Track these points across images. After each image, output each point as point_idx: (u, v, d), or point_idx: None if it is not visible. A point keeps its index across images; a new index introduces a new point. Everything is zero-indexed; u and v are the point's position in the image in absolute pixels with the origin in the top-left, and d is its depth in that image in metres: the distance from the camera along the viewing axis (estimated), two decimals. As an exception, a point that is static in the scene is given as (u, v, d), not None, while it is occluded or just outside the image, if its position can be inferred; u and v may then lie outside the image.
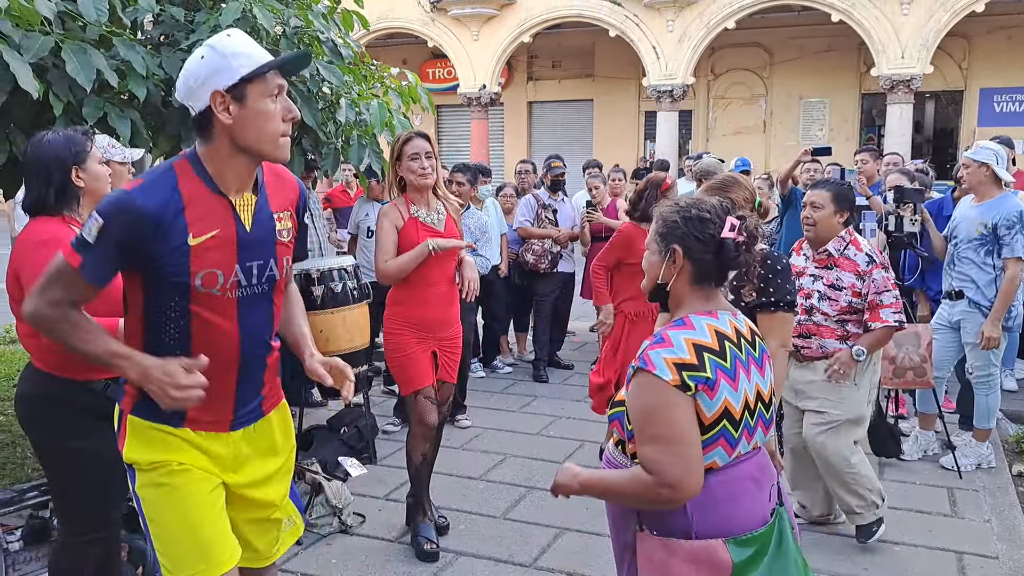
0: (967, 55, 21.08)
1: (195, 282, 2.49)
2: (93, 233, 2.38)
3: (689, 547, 2.39)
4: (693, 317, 2.52)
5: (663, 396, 2.37)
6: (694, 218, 2.55)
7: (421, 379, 4.76)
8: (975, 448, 6.09)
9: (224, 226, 2.53)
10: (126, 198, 2.41)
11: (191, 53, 4.46)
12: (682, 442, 2.35)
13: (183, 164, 2.52)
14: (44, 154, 3.36)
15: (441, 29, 22.74)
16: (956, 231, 6.05)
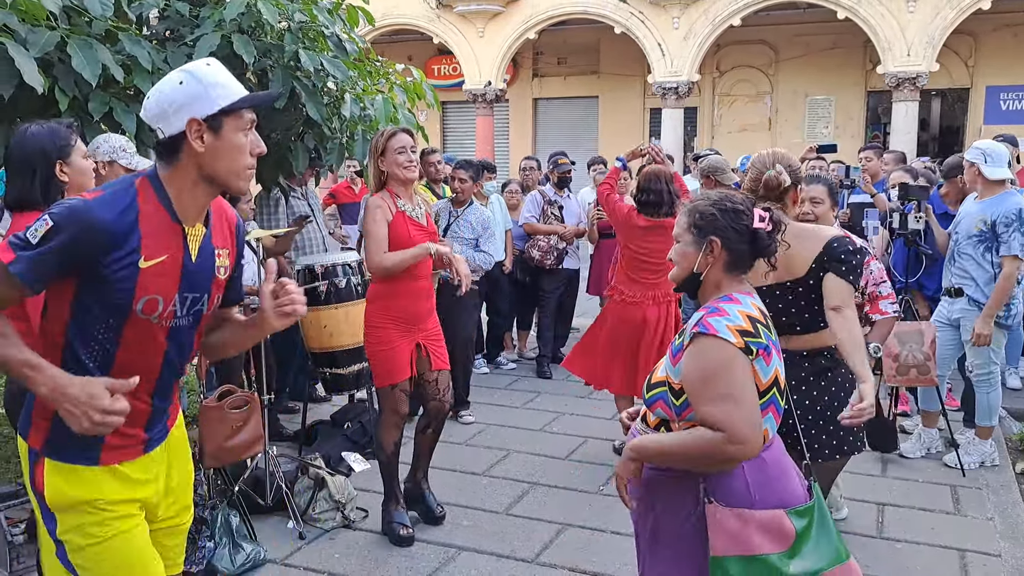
0: (973, 53, 21.01)
1: (136, 306, 2.40)
2: (38, 234, 2.26)
3: (761, 516, 2.54)
4: (738, 294, 2.70)
5: (729, 357, 2.52)
6: (729, 210, 2.72)
7: (401, 373, 4.84)
8: (978, 446, 6.09)
9: (173, 253, 2.46)
10: (84, 207, 2.31)
11: (196, 48, 4.53)
12: (748, 401, 2.51)
13: (144, 183, 2.44)
14: (28, 147, 3.30)
15: (446, 25, 22.73)
16: (958, 227, 6.06)
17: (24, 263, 2.27)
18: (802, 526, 2.57)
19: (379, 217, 4.70)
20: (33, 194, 3.30)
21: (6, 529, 4.10)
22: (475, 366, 8.34)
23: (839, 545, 2.65)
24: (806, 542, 2.56)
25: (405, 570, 4.60)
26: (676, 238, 2.82)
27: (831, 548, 2.61)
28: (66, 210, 2.30)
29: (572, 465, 6.15)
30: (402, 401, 4.90)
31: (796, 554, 2.53)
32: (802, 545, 2.54)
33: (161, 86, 2.41)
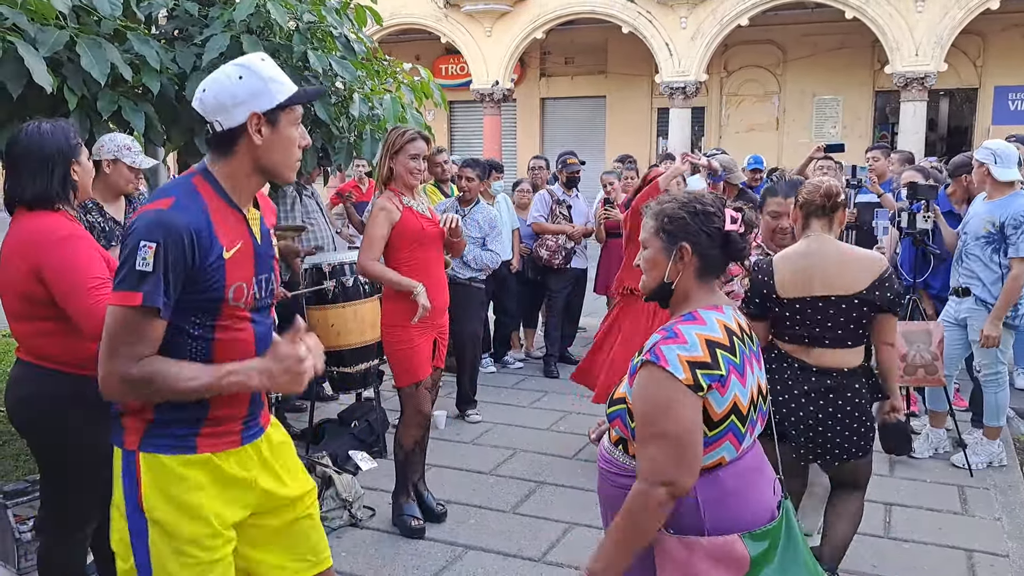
0: (982, 53, 20.99)
1: (228, 295, 2.47)
2: (148, 260, 2.30)
3: (709, 544, 2.38)
4: (702, 312, 2.50)
5: (673, 394, 2.34)
6: (700, 213, 2.54)
7: (422, 371, 4.87)
8: (986, 446, 6.08)
9: (244, 239, 2.54)
10: (167, 217, 2.35)
11: (204, 48, 4.54)
12: (683, 442, 2.34)
13: (200, 180, 2.50)
14: (47, 146, 3.29)
15: (454, 25, 22.76)
16: (966, 227, 6.04)
17: (153, 294, 2.32)
18: (759, 551, 2.40)
19: (381, 220, 4.73)
20: (52, 192, 3.28)
21: (14, 527, 4.12)
22: (482, 365, 8.34)
23: (811, 567, 2.50)
24: (766, 567, 2.40)
25: (412, 568, 4.61)
26: (644, 244, 2.64)
27: (801, 570, 2.46)
28: (156, 226, 2.34)
29: (579, 464, 6.15)
30: (425, 400, 4.92)
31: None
32: (760, 571, 2.39)
33: (218, 80, 2.46)
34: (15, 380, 3.43)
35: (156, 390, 2.35)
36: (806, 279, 3.79)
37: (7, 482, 4.97)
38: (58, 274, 3.18)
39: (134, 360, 2.33)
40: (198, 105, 2.50)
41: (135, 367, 2.32)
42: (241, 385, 2.41)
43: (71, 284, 3.18)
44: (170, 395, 2.38)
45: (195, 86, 4.57)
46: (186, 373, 2.36)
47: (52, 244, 3.21)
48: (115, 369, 2.33)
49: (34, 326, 3.31)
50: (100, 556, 3.77)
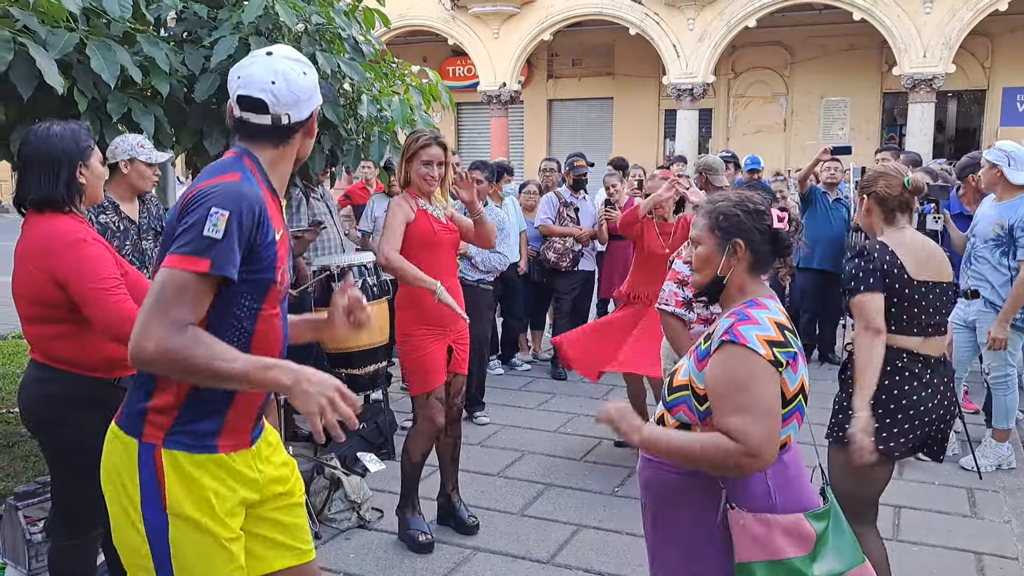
0: (990, 54, 20.95)
1: (277, 276, 2.48)
2: (220, 227, 2.27)
3: (784, 520, 2.51)
4: (763, 299, 2.66)
5: (757, 368, 2.47)
6: (752, 211, 2.68)
7: (437, 379, 4.81)
8: (995, 448, 6.07)
9: (282, 225, 2.58)
10: (240, 187, 2.37)
11: (214, 50, 4.55)
12: (770, 414, 2.46)
13: (249, 162, 2.51)
14: (55, 147, 3.29)
15: (461, 27, 22.78)
16: (975, 229, 6.02)
17: (223, 260, 2.29)
18: (821, 529, 2.54)
19: (399, 216, 4.72)
20: (58, 194, 3.29)
21: (24, 528, 4.13)
22: (490, 367, 8.35)
23: (855, 548, 2.63)
24: (825, 545, 2.54)
25: (420, 570, 4.61)
26: (696, 241, 2.76)
27: (849, 550, 2.59)
28: (230, 194, 2.34)
29: (587, 466, 6.15)
30: (439, 411, 4.83)
31: (817, 557, 2.51)
32: (822, 548, 2.52)
33: (286, 74, 2.49)
34: (29, 381, 3.44)
35: (190, 365, 2.24)
36: (926, 261, 3.78)
37: (18, 483, 4.99)
38: (75, 278, 3.20)
39: (178, 328, 2.22)
40: (267, 96, 2.47)
41: (176, 335, 2.21)
42: (275, 385, 2.31)
43: (89, 288, 3.20)
44: (202, 373, 2.27)
45: (204, 88, 4.64)
46: (226, 353, 2.27)
47: (64, 249, 3.22)
48: (154, 334, 2.21)
49: (48, 329, 3.32)
50: (111, 558, 3.77)
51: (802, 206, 8.96)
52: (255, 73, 2.48)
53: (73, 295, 3.21)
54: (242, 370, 2.27)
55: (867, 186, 3.91)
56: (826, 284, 8.85)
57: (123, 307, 3.22)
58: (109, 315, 3.19)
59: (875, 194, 3.84)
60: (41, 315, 3.31)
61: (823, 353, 9.32)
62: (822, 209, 8.79)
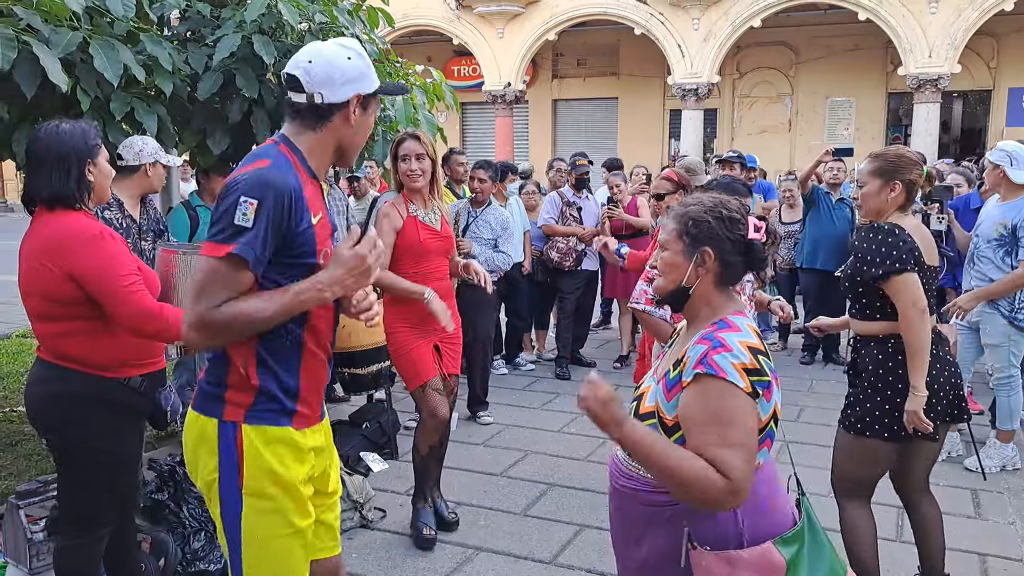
0: (996, 54, 20.91)
1: (319, 260, 2.54)
2: (249, 215, 2.37)
3: (748, 556, 2.34)
4: (733, 319, 2.45)
5: (740, 403, 2.29)
6: (725, 218, 2.48)
7: (426, 372, 4.83)
8: (999, 450, 6.05)
9: (323, 209, 2.63)
10: (270, 175, 2.42)
11: (216, 49, 4.54)
12: (751, 451, 2.29)
13: (286, 149, 2.56)
14: (65, 144, 3.29)
15: (466, 27, 22.78)
16: (978, 229, 6.01)
17: (247, 249, 2.38)
18: (792, 554, 2.37)
19: (385, 228, 4.72)
20: (70, 190, 3.28)
21: (26, 526, 4.12)
22: (494, 367, 8.34)
23: (834, 563, 2.48)
24: (798, 570, 2.37)
25: (423, 570, 4.60)
26: (663, 245, 2.55)
27: (825, 569, 2.44)
28: (259, 183, 2.41)
29: (590, 466, 6.14)
30: (439, 404, 4.84)
31: None
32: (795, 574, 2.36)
33: (326, 55, 2.55)
34: (37, 379, 3.43)
35: (236, 330, 2.42)
36: (931, 249, 3.84)
37: (20, 482, 4.99)
38: (94, 274, 3.20)
39: (218, 305, 2.38)
40: (301, 74, 2.53)
41: (216, 311, 2.37)
42: (315, 300, 2.46)
43: (110, 283, 3.22)
44: (249, 329, 2.44)
45: (207, 87, 4.64)
46: (258, 305, 2.41)
47: (82, 245, 3.22)
48: (196, 314, 2.38)
49: (59, 326, 3.31)
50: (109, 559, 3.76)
51: (805, 207, 8.95)
52: (300, 54, 2.57)
53: (93, 292, 3.21)
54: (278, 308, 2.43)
55: (898, 171, 3.87)
56: (829, 284, 8.81)
57: (144, 302, 3.27)
58: (131, 310, 3.24)
59: (909, 182, 3.86)
60: (53, 312, 3.30)
61: (827, 353, 9.30)
62: (825, 209, 8.77)
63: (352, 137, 2.66)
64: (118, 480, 3.50)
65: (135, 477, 3.73)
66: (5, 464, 5.82)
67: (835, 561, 2.50)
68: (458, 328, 5.04)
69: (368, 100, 2.64)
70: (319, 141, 2.61)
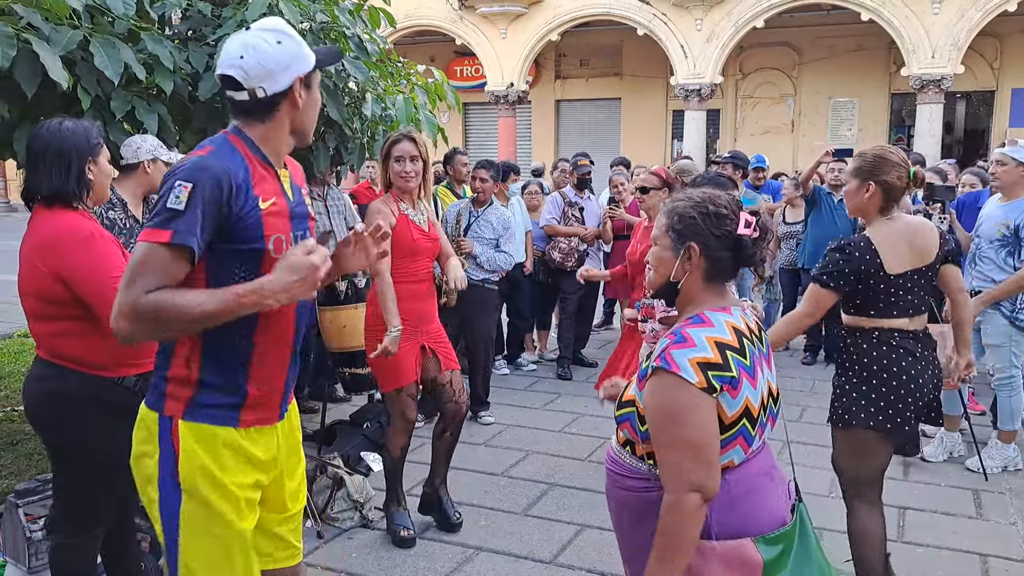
0: (999, 55, 20.89)
1: (268, 246, 2.50)
2: (182, 199, 2.31)
3: (721, 548, 2.33)
4: (709, 313, 2.44)
5: (689, 399, 2.29)
6: (711, 214, 2.48)
7: (405, 376, 4.80)
8: (1001, 450, 6.04)
9: (278, 195, 2.58)
10: (205, 161, 2.40)
11: (217, 48, 4.54)
12: (705, 445, 2.29)
13: (235, 139, 2.53)
14: (67, 141, 3.29)
15: (469, 27, 22.77)
16: (979, 229, 6.00)
17: (185, 232, 2.32)
18: (773, 555, 2.35)
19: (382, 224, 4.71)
20: (69, 188, 3.28)
21: (25, 525, 4.12)
22: (495, 367, 8.34)
23: (825, 572, 2.46)
24: (779, 573, 2.34)
25: (423, 570, 4.60)
26: (654, 240, 2.58)
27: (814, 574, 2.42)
28: (194, 168, 2.37)
29: (591, 466, 6.14)
30: (409, 406, 4.84)
31: None
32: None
33: (257, 47, 2.47)
34: (34, 378, 3.43)
35: (165, 320, 2.30)
36: (907, 253, 3.83)
37: (19, 481, 4.99)
38: (83, 275, 3.19)
39: (142, 294, 2.29)
40: (236, 72, 2.48)
41: (142, 299, 2.28)
42: (256, 304, 2.37)
43: (97, 284, 3.19)
44: (181, 325, 2.35)
45: (208, 86, 4.63)
46: (192, 298, 2.33)
47: (74, 245, 3.21)
48: (126, 300, 2.30)
49: (54, 326, 3.31)
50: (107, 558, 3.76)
51: (807, 207, 8.94)
52: (228, 50, 2.50)
53: (81, 293, 3.20)
54: (214, 308, 2.34)
55: (873, 172, 3.87)
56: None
57: None
58: None
59: (884, 183, 3.84)
60: (47, 312, 3.30)
61: (829, 353, 9.29)
62: (827, 210, 8.76)
63: (303, 118, 2.62)
64: (117, 479, 3.49)
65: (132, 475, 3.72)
66: (6, 463, 5.82)
67: (826, 570, 2.47)
68: (440, 328, 5.04)
69: (310, 77, 2.59)
70: (271, 130, 2.57)
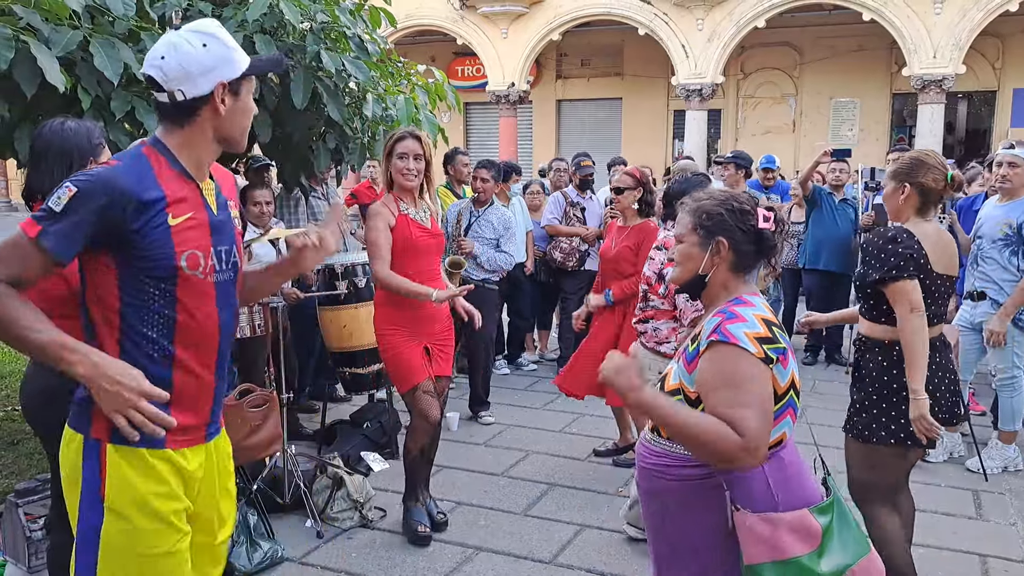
0: (1000, 55, 20.84)
1: (180, 263, 2.41)
2: (62, 202, 2.25)
3: (790, 518, 2.48)
4: (748, 296, 2.63)
5: (751, 367, 2.45)
6: (736, 210, 2.66)
7: (417, 374, 4.80)
8: (1001, 451, 6.04)
9: (197, 209, 2.48)
10: (107, 174, 2.32)
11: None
12: (765, 412, 2.44)
13: (150, 150, 2.45)
14: (69, 141, 3.30)
15: (470, 27, 22.75)
16: (980, 230, 5.99)
17: (53, 235, 2.26)
18: (826, 523, 2.53)
19: (380, 225, 4.71)
20: None
21: (24, 525, 4.13)
22: (495, 367, 8.34)
23: (860, 538, 2.61)
24: (831, 539, 2.52)
25: (423, 570, 4.60)
26: (679, 238, 2.76)
27: (855, 542, 2.57)
28: (90, 177, 2.31)
29: (591, 466, 6.14)
30: (431, 406, 4.82)
31: (824, 552, 2.49)
32: (828, 542, 2.51)
33: (179, 47, 2.40)
34: (31, 376, 3.44)
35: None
36: (943, 256, 3.87)
37: (19, 480, 4.99)
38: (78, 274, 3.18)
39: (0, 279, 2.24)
40: (156, 73, 2.41)
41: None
42: (65, 363, 2.28)
43: None
44: (7, 333, 2.27)
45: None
46: (30, 321, 2.27)
47: None
48: None
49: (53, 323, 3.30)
50: None
51: (808, 207, 8.93)
52: (154, 49, 2.44)
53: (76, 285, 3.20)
54: (41, 343, 2.28)
55: (909, 174, 3.90)
56: (833, 285, 8.82)
57: None
58: None
59: (920, 185, 3.87)
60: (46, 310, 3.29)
61: (830, 354, 9.29)
62: (828, 210, 8.76)
63: (229, 125, 2.50)
64: None
65: None
66: (6, 463, 5.82)
67: (860, 536, 2.61)
68: (450, 330, 5.04)
69: (238, 84, 2.48)
70: (191, 137, 2.47)
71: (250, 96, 2.55)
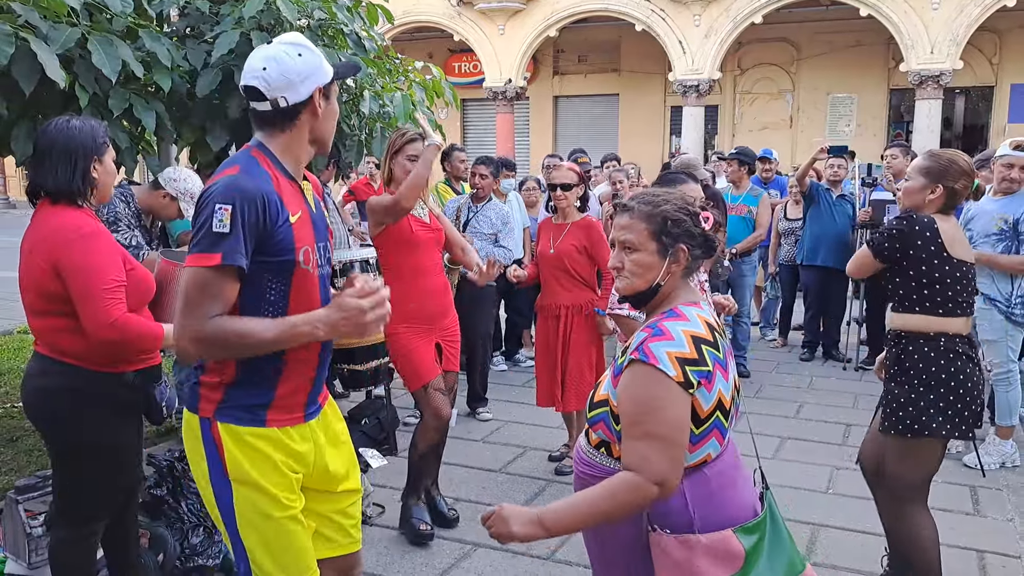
0: (998, 50, 20.87)
1: (298, 257, 2.59)
2: (225, 222, 2.42)
3: (707, 540, 2.35)
4: (683, 308, 2.47)
5: (665, 392, 2.30)
6: (694, 215, 2.54)
7: (428, 372, 4.80)
8: (998, 446, 6.05)
9: (303, 208, 2.68)
10: (238, 181, 2.48)
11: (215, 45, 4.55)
12: (674, 441, 2.30)
13: (258, 153, 2.63)
14: (74, 139, 3.30)
15: (467, 23, 22.76)
16: (971, 224, 5.97)
17: (232, 253, 2.44)
18: (751, 543, 2.39)
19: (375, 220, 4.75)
20: (75, 185, 3.29)
21: (25, 521, 4.13)
22: (493, 363, 8.34)
23: (794, 556, 2.50)
24: (758, 560, 2.39)
25: (421, 566, 4.61)
26: (633, 246, 2.52)
27: (784, 562, 2.46)
28: (230, 189, 2.47)
29: (589, 463, 6.13)
30: (443, 404, 4.82)
31: (749, 574, 2.37)
32: (753, 565, 2.38)
33: (278, 58, 2.58)
34: (32, 373, 3.44)
35: (230, 346, 2.48)
36: (960, 242, 3.90)
37: (19, 477, 5.00)
38: (75, 273, 3.19)
39: (206, 319, 2.43)
40: (259, 83, 2.58)
41: (208, 325, 2.42)
42: (309, 336, 2.51)
43: (85, 285, 3.19)
44: (244, 351, 2.50)
45: (206, 83, 4.64)
46: (256, 327, 2.47)
47: (73, 241, 3.22)
48: (188, 327, 2.44)
49: (53, 322, 3.31)
50: (110, 553, 3.78)
51: (805, 204, 8.95)
52: (251, 63, 2.61)
53: (70, 287, 3.20)
54: (275, 336, 2.49)
55: (943, 176, 3.93)
56: (830, 281, 8.83)
57: (111, 311, 3.21)
58: (97, 315, 3.19)
59: (952, 189, 3.91)
60: (45, 307, 3.31)
61: (827, 350, 9.30)
62: (826, 206, 8.77)
63: (322, 127, 2.72)
64: (119, 474, 3.51)
65: (135, 470, 3.73)
66: (6, 460, 5.82)
67: (795, 554, 2.51)
68: (455, 324, 5.04)
69: (328, 88, 2.69)
70: (291, 140, 2.67)
71: (335, 98, 2.75)
